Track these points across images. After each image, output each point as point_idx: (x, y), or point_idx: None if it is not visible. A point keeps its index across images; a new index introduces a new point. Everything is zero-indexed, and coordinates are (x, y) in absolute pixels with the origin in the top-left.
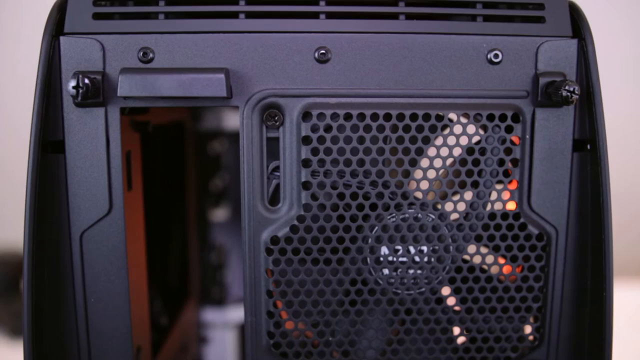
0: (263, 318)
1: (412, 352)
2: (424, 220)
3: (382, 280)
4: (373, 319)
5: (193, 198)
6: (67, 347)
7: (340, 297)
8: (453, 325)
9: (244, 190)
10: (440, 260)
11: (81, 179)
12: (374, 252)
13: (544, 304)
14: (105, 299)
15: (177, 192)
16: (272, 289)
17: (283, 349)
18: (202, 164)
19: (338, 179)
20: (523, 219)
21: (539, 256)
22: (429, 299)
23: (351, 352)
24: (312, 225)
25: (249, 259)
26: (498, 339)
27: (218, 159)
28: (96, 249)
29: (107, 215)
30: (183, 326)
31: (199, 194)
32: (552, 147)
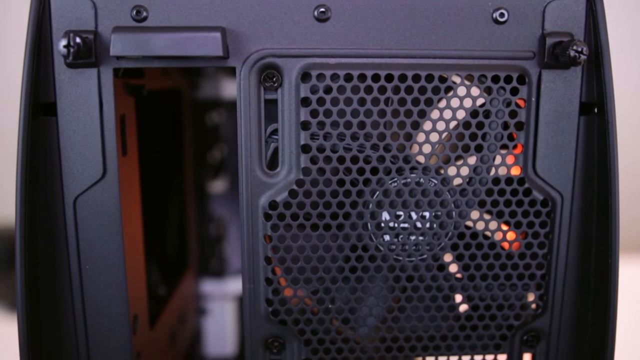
0: (261, 285)
1: (413, 320)
2: (426, 185)
3: (383, 246)
4: (373, 286)
5: (191, 169)
6: (62, 315)
7: (340, 263)
8: (455, 292)
9: (242, 154)
10: (442, 226)
11: (74, 142)
12: (374, 218)
13: (547, 272)
14: (100, 266)
15: (174, 163)
16: (270, 255)
17: (282, 316)
18: (200, 135)
19: (338, 142)
20: (527, 184)
21: (544, 222)
22: (430, 265)
23: (351, 319)
24: (312, 190)
25: (247, 225)
26: (500, 306)
27: (216, 129)
28: (90, 215)
29: (101, 179)
30: (181, 297)
31: (197, 165)
32: (559, 110)
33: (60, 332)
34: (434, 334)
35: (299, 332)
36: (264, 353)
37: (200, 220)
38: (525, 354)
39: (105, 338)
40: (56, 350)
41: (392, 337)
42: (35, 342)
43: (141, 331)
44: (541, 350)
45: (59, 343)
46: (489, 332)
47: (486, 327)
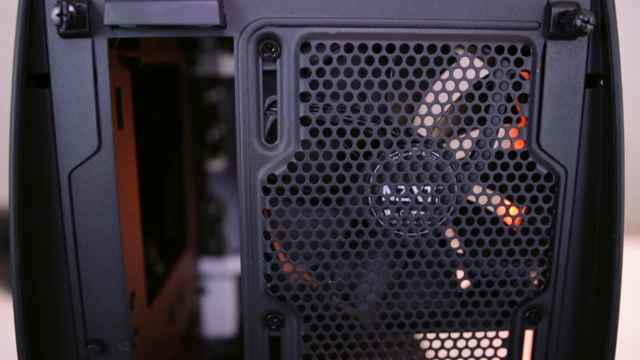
0: (260, 260)
1: (414, 296)
2: (427, 159)
3: (383, 221)
4: (374, 262)
5: (189, 147)
6: (59, 290)
7: (340, 238)
8: (457, 268)
9: (239, 126)
10: (444, 200)
11: (68, 114)
12: (375, 192)
13: (550, 247)
14: (97, 241)
15: (172, 141)
16: (269, 230)
17: (281, 292)
18: (198, 113)
19: (338, 114)
20: (531, 158)
21: (547, 197)
22: (432, 241)
23: (351, 295)
24: (311, 163)
25: (245, 199)
26: (503, 282)
27: (215, 108)
28: (85, 189)
29: (96, 153)
30: (180, 276)
31: (195, 143)
32: (564, 82)
33: (57, 309)
34: (435, 310)
35: (298, 308)
36: (263, 329)
37: (199, 199)
38: (527, 331)
39: (102, 314)
40: (53, 327)
41: (393, 313)
42: (31, 320)
43: (139, 308)
44: (543, 327)
45: (56, 320)
46: (490, 309)
47: (488, 303)
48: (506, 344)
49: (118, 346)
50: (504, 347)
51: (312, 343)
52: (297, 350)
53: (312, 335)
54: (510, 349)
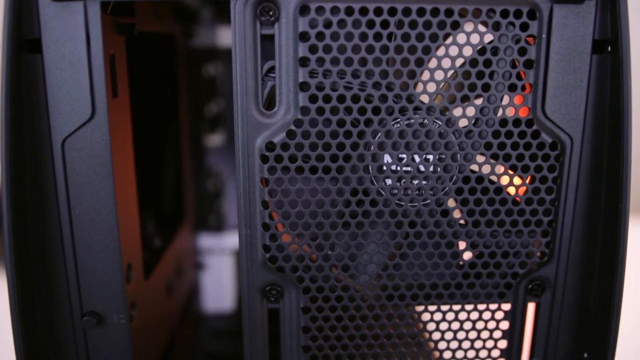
0: (258, 230)
1: (415, 267)
2: (430, 126)
3: (384, 190)
4: (375, 232)
5: (186, 121)
6: (53, 261)
7: (340, 208)
8: (459, 239)
9: (237, 93)
10: (446, 169)
11: (60, 80)
12: (376, 160)
13: (555, 218)
14: (91, 211)
15: (169, 114)
16: (267, 199)
17: (279, 264)
18: (195, 87)
19: (338, 79)
20: (536, 126)
21: (552, 166)
22: (433, 211)
23: (351, 266)
24: (310, 130)
25: (243, 168)
26: (505, 254)
27: (213, 82)
28: (79, 158)
29: (89, 120)
30: (178, 250)
31: (192, 118)
32: (570, 47)
33: (52, 280)
34: (436, 282)
35: (297, 280)
36: (262, 301)
37: (197, 174)
38: (530, 304)
39: (98, 286)
40: (48, 299)
41: (394, 285)
42: (25, 292)
43: (136, 281)
44: (546, 300)
45: (51, 292)
46: (493, 281)
47: (490, 275)
48: (508, 317)
49: (114, 319)
50: (506, 320)
51: (312, 315)
52: (296, 322)
53: (311, 307)
54: (512, 322)
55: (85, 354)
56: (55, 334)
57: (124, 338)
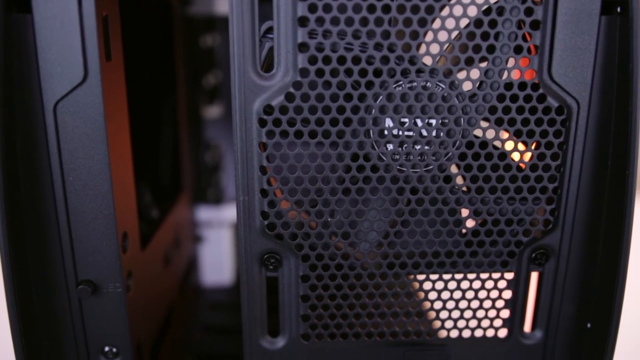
0: (256, 197)
1: (416, 235)
2: (433, 89)
3: (386, 155)
4: (375, 199)
5: (183, 92)
6: (47, 228)
7: (340, 173)
8: (462, 206)
9: (234, 54)
10: (449, 134)
11: (51, 41)
12: (377, 124)
13: (560, 185)
14: (85, 177)
15: (166, 84)
16: (265, 164)
17: (278, 231)
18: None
19: (338, 40)
20: (542, 90)
21: (558, 131)
22: (436, 177)
23: (351, 234)
24: (310, 93)
25: (240, 132)
26: (509, 222)
27: (211, 53)
28: (72, 122)
29: (82, 83)
30: (175, 221)
31: (190, 89)
32: (578, 8)
33: (45, 248)
34: (438, 250)
35: (296, 247)
36: (260, 270)
37: (195, 146)
38: (533, 273)
39: (93, 254)
40: (42, 267)
41: (395, 253)
42: (18, 259)
43: (132, 250)
44: (550, 269)
45: (45, 259)
46: (496, 249)
47: (493, 243)
48: (511, 286)
49: (110, 288)
50: (509, 289)
51: (311, 284)
52: (295, 291)
53: (310, 276)
54: (515, 291)
55: (80, 323)
56: (50, 304)
57: (120, 307)
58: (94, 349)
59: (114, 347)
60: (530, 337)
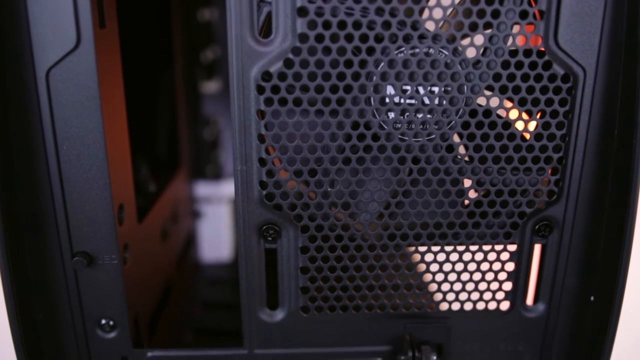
0: (254, 166)
1: (418, 206)
2: (435, 56)
3: (387, 124)
4: (376, 168)
5: (180, 66)
6: (41, 199)
7: (340, 142)
8: (464, 176)
9: (231, 20)
10: (452, 102)
11: (43, 6)
12: (378, 92)
13: (565, 155)
14: (79, 147)
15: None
16: (263, 132)
17: (277, 201)
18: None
19: (339, 4)
20: (548, 57)
21: (563, 100)
22: (438, 146)
23: (352, 204)
24: (309, 59)
25: (238, 99)
26: (513, 192)
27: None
28: (65, 89)
29: (75, 49)
30: (173, 196)
31: (187, 63)
32: None
33: (40, 219)
34: (440, 221)
35: (295, 218)
36: (258, 241)
37: (193, 121)
38: (536, 245)
39: (88, 226)
40: (36, 238)
41: (396, 224)
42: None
43: (128, 223)
44: (553, 241)
45: (39, 231)
46: (499, 220)
47: (496, 214)
48: (514, 258)
49: (106, 259)
50: (512, 261)
51: (310, 255)
52: (295, 262)
53: (310, 247)
54: (518, 263)
55: (76, 295)
56: (46, 276)
57: (117, 280)
58: (90, 321)
59: (110, 319)
60: (533, 310)
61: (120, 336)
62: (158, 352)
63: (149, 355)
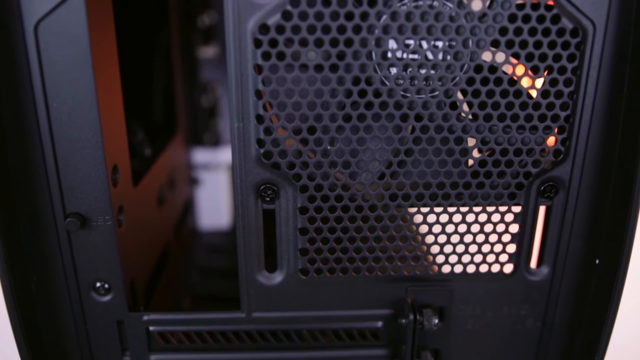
0: (252, 123)
1: (421, 165)
2: (440, 9)
3: (389, 79)
4: (378, 126)
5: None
6: (32, 158)
7: (340, 98)
8: (468, 135)
9: None
10: (457, 57)
11: None
12: (380, 45)
13: (572, 113)
14: (70, 104)
15: (158, 18)
16: (261, 88)
17: (275, 159)
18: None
19: None
20: (556, 10)
21: (572, 55)
22: (442, 103)
23: (352, 163)
24: (308, 11)
25: (234, 53)
26: (518, 151)
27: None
28: (54, 43)
29: (64, 1)
30: (170, 162)
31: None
32: None
33: (31, 179)
34: (443, 181)
35: (294, 177)
36: (256, 202)
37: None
38: (541, 207)
39: (81, 186)
40: (28, 199)
41: (398, 184)
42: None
43: (123, 185)
44: (559, 202)
45: (31, 191)
46: (503, 180)
47: (501, 174)
48: (518, 220)
49: (100, 221)
50: (516, 223)
51: (310, 216)
52: (293, 223)
53: (309, 208)
54: (522, 225)
55: (70, 257)
56: (38, 237)
57: (111, 242)
58: (84, 284)
59: (105, 282)
60: (537, 274)
61: (116, 299)
62: (154, 315)
63: (145, 318)
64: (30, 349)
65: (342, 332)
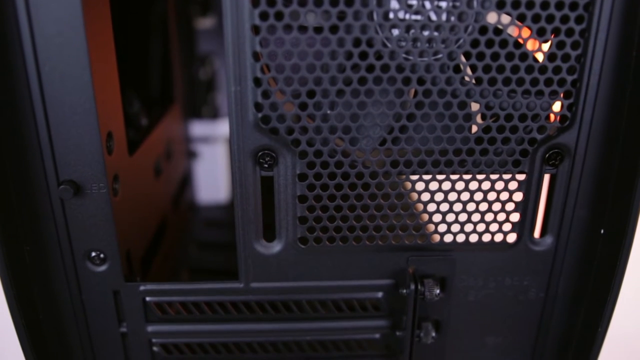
0: (249, 87)
1: (423, 130)
2: None
3: (391, 41)
4: (379, 90)
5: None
6: (23, 124)
7: (340, 61)
8: (472, 99)
9: None
10: (461, 18)
11: None
12: (381, 5)
13: (579, 77)
14: (62, 67)
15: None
16: (258, 50)
17: (273, 124)
18: None
19: None
20: None
21: (580, 17)
22: (445, 66)
23: (353, 129)
24: None
25: (231, 14)
26: (523, 117)
27: None
28: (45, 3)
29: None
30: (167, 133)
31: None
32: None
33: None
34: (446, 148)
35: (292, 143)
36: (254, 168)
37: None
38: (546, 175)
39: (75, 152)
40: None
41: (399, 150)
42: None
43: (118, 153)
44: (564, 170)
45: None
46: (508, 147)
47: (505, 140)
48: (522, 188)
49: (94, 188)
50: (520, 191)
51: (309, 183)
52: (292, 191)
53: (308, 174)
54: (526, 193)
55: (64, 226)
56: (31, 205)
57: (106, 210)
58: (79, 253)
59: (101, 252)
60: (540, 243)
61: (111, 269)
62: (151, 285)
63: (141, 289)
64: (25, 321)
65: (341, 302)
